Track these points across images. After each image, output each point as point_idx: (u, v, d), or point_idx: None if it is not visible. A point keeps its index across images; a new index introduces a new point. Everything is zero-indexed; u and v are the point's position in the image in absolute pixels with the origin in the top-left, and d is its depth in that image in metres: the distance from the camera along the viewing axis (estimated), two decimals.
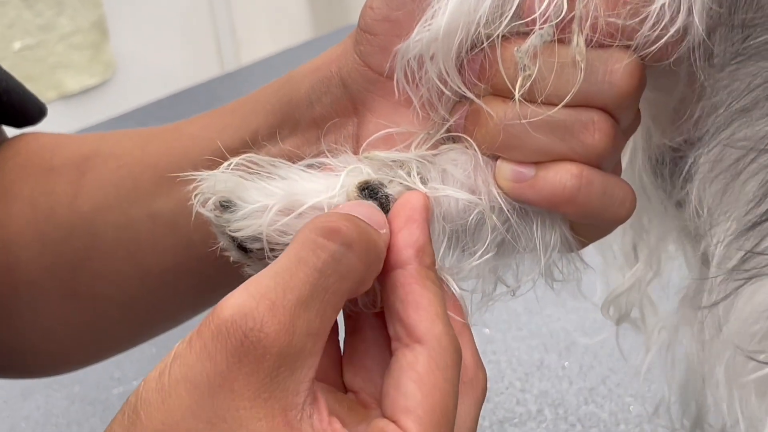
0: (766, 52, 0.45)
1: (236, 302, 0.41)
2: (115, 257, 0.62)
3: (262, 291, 0.41)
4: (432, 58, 0.49)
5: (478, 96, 0.49)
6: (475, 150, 0.50)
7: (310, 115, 0.54)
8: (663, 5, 0.46)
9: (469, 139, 0.50)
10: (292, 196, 0.48)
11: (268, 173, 0.50)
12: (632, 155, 0.60)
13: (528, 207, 0.50)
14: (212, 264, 0.56)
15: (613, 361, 0.98)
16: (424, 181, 0.50)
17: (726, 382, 0.49)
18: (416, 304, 0.45)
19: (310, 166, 0.51)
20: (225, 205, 0.48)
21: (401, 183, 0.49)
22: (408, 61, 0.50)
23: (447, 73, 0.49)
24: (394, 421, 0.42)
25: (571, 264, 0.54)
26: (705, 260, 0.58)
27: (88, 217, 0.62)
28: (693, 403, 0.66)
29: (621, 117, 0.49)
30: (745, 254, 0.45)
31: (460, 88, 0.50)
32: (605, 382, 0.96)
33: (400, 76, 0.51)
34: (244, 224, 0.48)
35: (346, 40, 0.54)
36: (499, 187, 0.50)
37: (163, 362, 0.42)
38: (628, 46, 0.47)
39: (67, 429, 1.00)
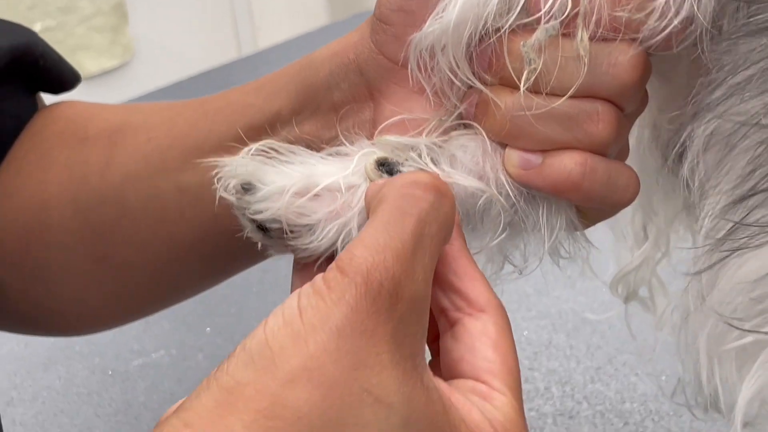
0: (767, 30, 0.46)
1: (365, 254, 0.43)
2: (143, 226, 0.64)
3: (383, 243, 0.43)
4: (443, 49, 0.51)
5: (486, 86, 0.51)
6: (484, 137, 0.52)
7: (329, 100, 0.56)
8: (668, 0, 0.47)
9: (478, 126, 0.52)
10: (308, 177, 0.50)
11: (287, 159, 0.51)
12: (639, 137, 0.62)
13: (535, 192, 0.52)
14: (235, 237, 0.59)
15: (620, 342, 1.00)
16: (435, 163, 0.51)
17: (707, 351, 0.51)
18: (472, 277, 0.47)
19: (328, 154, 0.53)
20: (246, 188, 0.50)
21: (414, 164, 0.51)
22: (421, 51, 0.51)
23: (457, 64, 0.51)
24: (481, 382, 0.45)
25: (577, 243, 0.56)
26: None
27: (118, 186, 0.64)
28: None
29: (625, 105, 0.51)
30: (733, 225, 0.47)
31: (469, 79, 0.51)
32: (612, 361, 0.98)
33: (414, 65, 0.52)
34: (263, 206, 0.50)
35: (363, 26, 0.55)
36: (508, 173, 0.51)
37: (282, 313, 0.42)
38: (631, 39, 0.49)
39: (87, 398, 1.03)
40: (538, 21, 0.49)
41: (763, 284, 0.47)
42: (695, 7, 0.47)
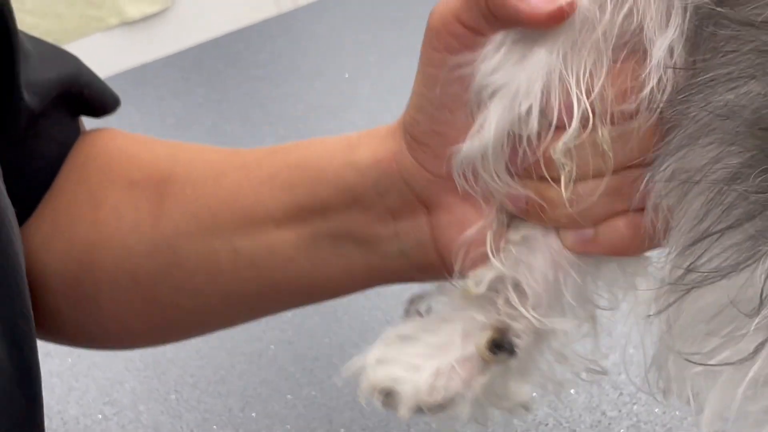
0: (713, 88, 0.49)
1: None
2: (197, 277, 0.65)
3: None
4: (483, 164, 0.54)
5: (530, 181, 0.55)
6: (539, 227, 0.56)
7: (381, 204, 0.59)
8: (652, 89, 0.51)
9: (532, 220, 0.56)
10: (435, 365, 0.56)
11: (407, 337, 0.57)
12: None
13: None
14: (293, 292, 0.62)
15: (621, 313, 1.04)
16: (523, 300, 0.56)
17: (675, 373, 0.54)
18: None
19: (415, 310, 0.59)
20: (387, 394, 0.57)
21: (516, 321, 0.56)
22: (463, 168, 0.55)
23: (498, 176, 0.55)
24: None
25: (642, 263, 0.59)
26: None
27: (170, 239, 0.65)
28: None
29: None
30: (684, 272, 0.50)
31: (511, 186, 0.55)
32: (611, 333, 1.03)
33: (457, 179, 0.56)
34: (408, 403, 0.56)
35: (396, 132, 0.58)
36: (566, 248, 0.56)
37: None
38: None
39: (119, 353, 1.08)
40: (560, 127, 0.53)
41: (717, 319, 0.50)
42: (670, 81, 0.51)
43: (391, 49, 1.57)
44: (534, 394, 0.59)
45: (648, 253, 0.58)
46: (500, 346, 0.56)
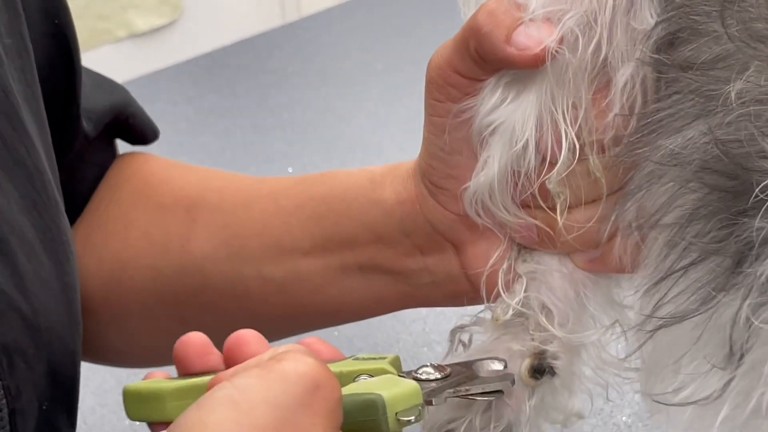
0: (664, 128, 0.52)
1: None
2: (224, 299, 0.68)
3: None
4: (491, 198, 0.58)
5: (537, 210, 0.58)
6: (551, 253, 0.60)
7: (408, 241, 0.62)
8: (616, 115, 0.55)
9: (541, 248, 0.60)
10: (484, 402, 0.60)
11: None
12: None
13: None
14: (321, 316, 0.65)
15: None
16: (551, 320, 0.59)
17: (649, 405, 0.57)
18: None
19: (459, 340, 0.61)
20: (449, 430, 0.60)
21: (550, 343, 0.60)
22: (473, 205, 0.59)
23: (506, 208, 0.58)
24: None
25: None
26: None
27: (199, 262, 0.68)
28: None
29: None
30: (647, 318, 0.53)
31: (520, 217, 0.59)
32: None
33: (472, 214, 0.59)
34: None
35: (414, 173, 0.61)
36: (578, 268, 0.60)
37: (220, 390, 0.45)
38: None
39: None
40: (553, 160, 0.56)
41: (683, 360, 0.53)
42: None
43: (398, 57, 1.60)
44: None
45: None
46: (541, 370, 0.59)
